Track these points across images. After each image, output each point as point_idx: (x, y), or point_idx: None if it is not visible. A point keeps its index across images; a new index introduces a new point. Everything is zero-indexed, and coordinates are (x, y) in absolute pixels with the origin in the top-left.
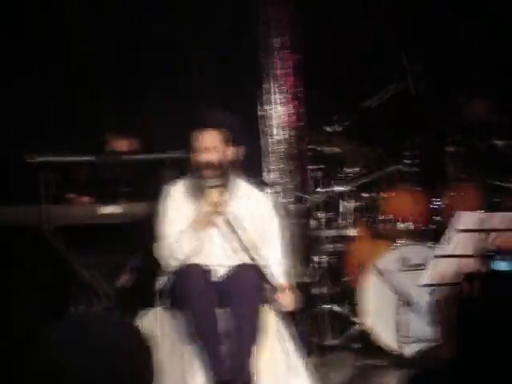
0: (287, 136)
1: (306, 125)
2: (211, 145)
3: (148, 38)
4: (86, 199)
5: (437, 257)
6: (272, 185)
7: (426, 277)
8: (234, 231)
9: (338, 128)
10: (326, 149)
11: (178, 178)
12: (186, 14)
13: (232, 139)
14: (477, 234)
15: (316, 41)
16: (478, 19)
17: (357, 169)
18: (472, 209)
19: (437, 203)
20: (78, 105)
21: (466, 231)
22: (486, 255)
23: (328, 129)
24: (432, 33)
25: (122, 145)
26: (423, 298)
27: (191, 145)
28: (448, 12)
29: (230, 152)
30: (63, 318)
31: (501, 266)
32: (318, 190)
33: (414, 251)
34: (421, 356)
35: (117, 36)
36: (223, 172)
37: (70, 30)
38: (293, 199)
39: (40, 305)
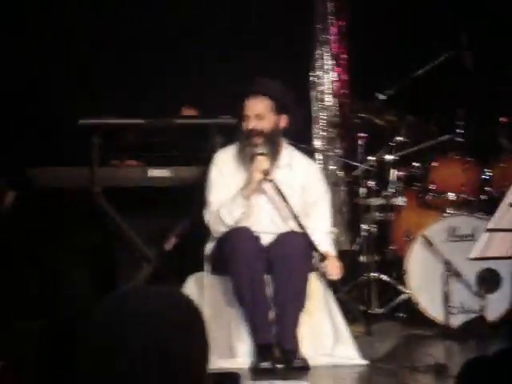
0: (336, 103)
1: (354, 92)
2: (260, 112)
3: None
4: (133, 162)
5: (488, 230)
6: (321, 152)
7: (476, 250)
8: (283, 198)
9: (388, 96)
10: (376, 116)
11: (227, 144)
12: None
13: (282, 107)
14: None
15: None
16: None
17: (407, 138)
18: None
19: (488, 174)
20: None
21: None
22: None
23: (379, 96)
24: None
25: (186, 113)
26: (471, 268)
27: (241, 112)
28: None
29: (280, 120)
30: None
31: None
32: (368, 157)
33: (463, 222)
34: (467, 327)
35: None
36: (272, 139)
37: None
38: (342, 166)
39: (88, 266)
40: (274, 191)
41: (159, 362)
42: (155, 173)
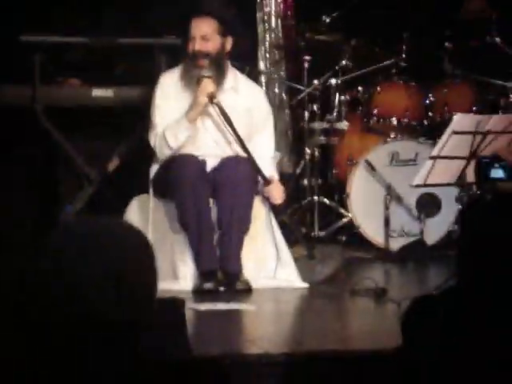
0: (281, 24)
1: (300, 14)
2: (206, 33)
3: None
4: (77, 82)
5: (431, 158)
6: (265, 74)
7: (420, 177)
8: (228, 122)
9: (333, 18)
10: (321, 39)
11: (172, 65)
12: None
13: (228, 28)
14: (473, 136)
15: None
16: None
17: (352, 62)
18: (466, 105)
19: (431, 99)
20: None
21: (462, 133)
22: (481, 161)
23: (325, 18)
24: None
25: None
26: (412, 192)
27: (188, 33)
28: None
29: (226, 42)
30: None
31: (498, 173)
32: (314, 81)
33: (406, 146)
34: (406, 250)
35: None
36: (218, 62)
37: None
38: (286, 90)
39: (31, 187)
40: (219, 114)
41: (109, 293)
42: (99, 92)
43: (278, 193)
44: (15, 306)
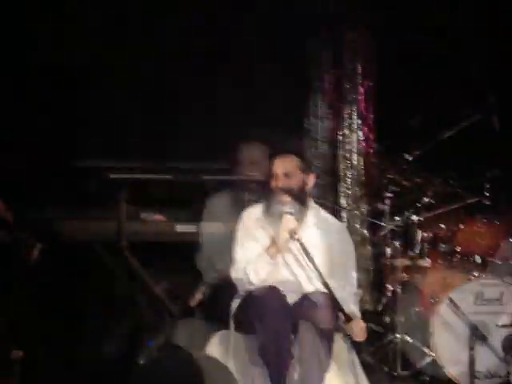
0: (362, 162)
1: (383, 152)
2: (289, 170)
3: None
4: (162, 218)
5: None
6: (346, 210)
7: (507, 317)
8: (309, 258)
9: (414, 157)
10: (403, 177)
11: (254, 201)
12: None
13: (309, 166)
14: None
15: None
16: None
17: (434, 199)
18: None
19: None
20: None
21: None
22: None
23: (406, 156)
24: None
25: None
26: (497, 333)
27: (270, 170)
28: None
29: (307, 178)
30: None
31: None
32: (395, 217)
33: (490, 286)
34: None
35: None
36: (300, 198)
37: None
38: (368, 226)
39: (115, 320)
40: (300, 250)
41: None
42: (182, 228)
43: (359, 330)
44: None
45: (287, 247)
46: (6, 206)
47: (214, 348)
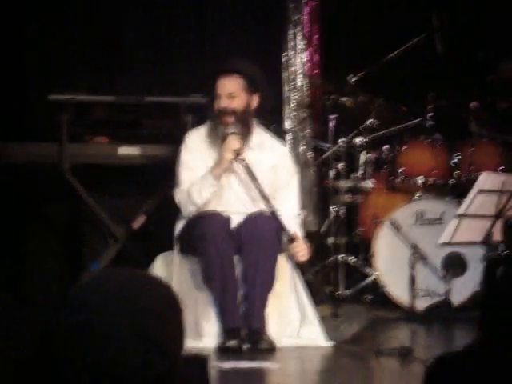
0: (306, 84)
1: (326, 74)
2: (233, 91)
3: None
4: (104, 139)
5: (458, 216)
6: (291, 133)
7: (446, 235)
8: (253, 179)
9: (359, 78)
10: (346, 99)
11: (198, 123)
12: None
13: (254, 86)
14: (499, 195)
15: None
16: None
17: (377, 121)
18: (492, 166)
19: (457, 158)
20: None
21: (488, 192)
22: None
23: (350, 78)
24: None
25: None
26: (438, 252)
27: (213, 91)
28: None
29: (252, 99)
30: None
31: None
32: (339, 140)
33: (432, 206)
34: (432, 310)
35: None
36: (244, 119)
37: None
38: (312, 148)
39: (56, 242)
40: (244, 171)
41: (133, 346)
42: (125, 150)
43: (302, 250)
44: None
45: (231, 168)
46: None
47: (158, 269)
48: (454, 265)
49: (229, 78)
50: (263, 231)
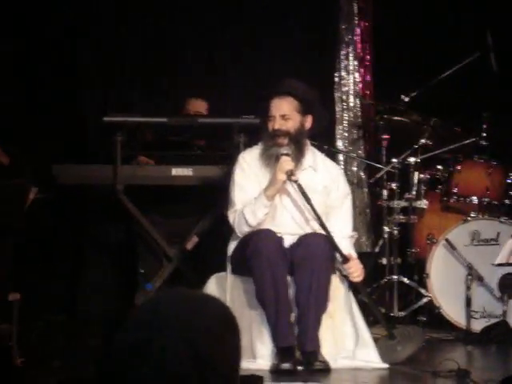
0: (359, 104)
1: (378, 93)
2: (286, 112)
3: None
4: (145, 159)
5: None
6: (344, 153)
7: (502, 256)
8: (307, 199)
9: (412, 98)
10: (400, 119)
11: (250, 144)
12: None
13: (307, 107)
14: None
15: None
16: None
17: (431, 141)
18: None
19: None
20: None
21: None
22: None
23: (404, 98)
24: None
25: (196, 106)
26: (493, 273)
27: (266, 112)
28: None
29: (305, 120)
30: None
31: None
32: (392, 160)
33: (487, 226)
34: (489, 332)
35: None
36: (297, 140)
37: None
38: (365, 168)
39: (111, 263)
40: (297, 192)
41: (192, 366)
42: (178, 171)
43: (356, 270)
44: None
45: (284, 189)
46: (2, 149)
47: (211, 289)
48: (511, 285)
49: (282, 99)
50: (316, 252)
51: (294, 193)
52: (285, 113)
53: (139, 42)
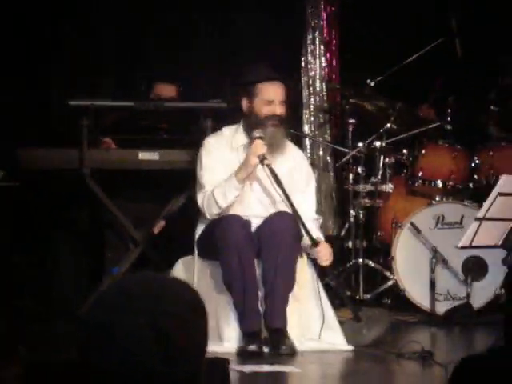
0: (326, 88)
1: (345, 79)
2: (284, 98)
3: None
4: (109, 141)
5: (478, 219)
6: (310, 137)
7: (465, 239)
8: (278, 184)
9: (378, 82)
10: (365, 103)
11: (216, 128)
12: None
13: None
14: None
15: None
16: None
17: (397, 125)
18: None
19: (476, 162)
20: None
21: (508, 195)
22: None
23: (369, 82)
24: None
25: (164, 90)
26: (458, 256)
27: (253, 95)
28: None
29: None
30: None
31: None
32: (358, 144)
33: (451, 209)
34: (452, 314)
35: None
36: (284, 126)
37: None
38: (331, 153)
39: (77, 247)
40: (266, 175)
41: (155, 348)
42: (145, 155)
43: (325, 254)
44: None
45: (254, 172)
46: None
47: (178, 273)
48: (474, 268)
49: (279, 84)
50: (282, 229)
51: (263, 176)
52: (283, 99)
53: (113, 27)
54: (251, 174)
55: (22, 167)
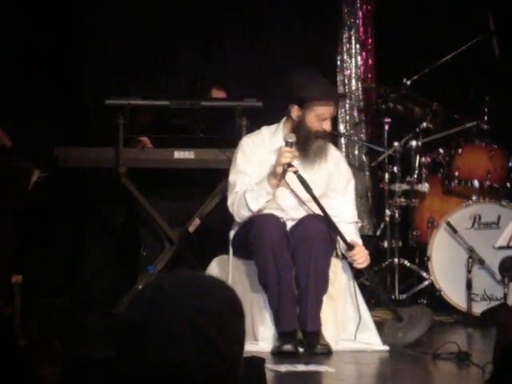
0: (361, 87)
1: (380, 77)
2: (334, 115)
3: None
4: (146, 139)
5: None
6: (346, 137)
7: (503, 239)
8: (307, 189)
9: (414, 81)
10: (402, 102)
11: (252, 127)
12: None
13: None
14: None
15: None
16: None
17: (433, 124)
18: None
19: None
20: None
21: None
22: None
23: (406, 81)
24: None
25: (219, 96)
26: (494, 256)
27: (311, 110)
28: None
29: None
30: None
31: None
32: (394, 143)
33: (488, 209)
34: (489, 314)
35: None
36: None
37: None
38: (366, 152)
39: (112, 246)
40: (298, 182)
41: (193, 347)
42: (180, 154)
43: (361, 257)
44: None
45: (290, 176)
46: (4, 131)
47: (213, 272)
48: (511, 269)
49: (333, 104)
50: (314, 231)
51: (295, 180)
52: (334, 115)
53: (140, 27)
54: (281, 179)
55: (58, 166)
